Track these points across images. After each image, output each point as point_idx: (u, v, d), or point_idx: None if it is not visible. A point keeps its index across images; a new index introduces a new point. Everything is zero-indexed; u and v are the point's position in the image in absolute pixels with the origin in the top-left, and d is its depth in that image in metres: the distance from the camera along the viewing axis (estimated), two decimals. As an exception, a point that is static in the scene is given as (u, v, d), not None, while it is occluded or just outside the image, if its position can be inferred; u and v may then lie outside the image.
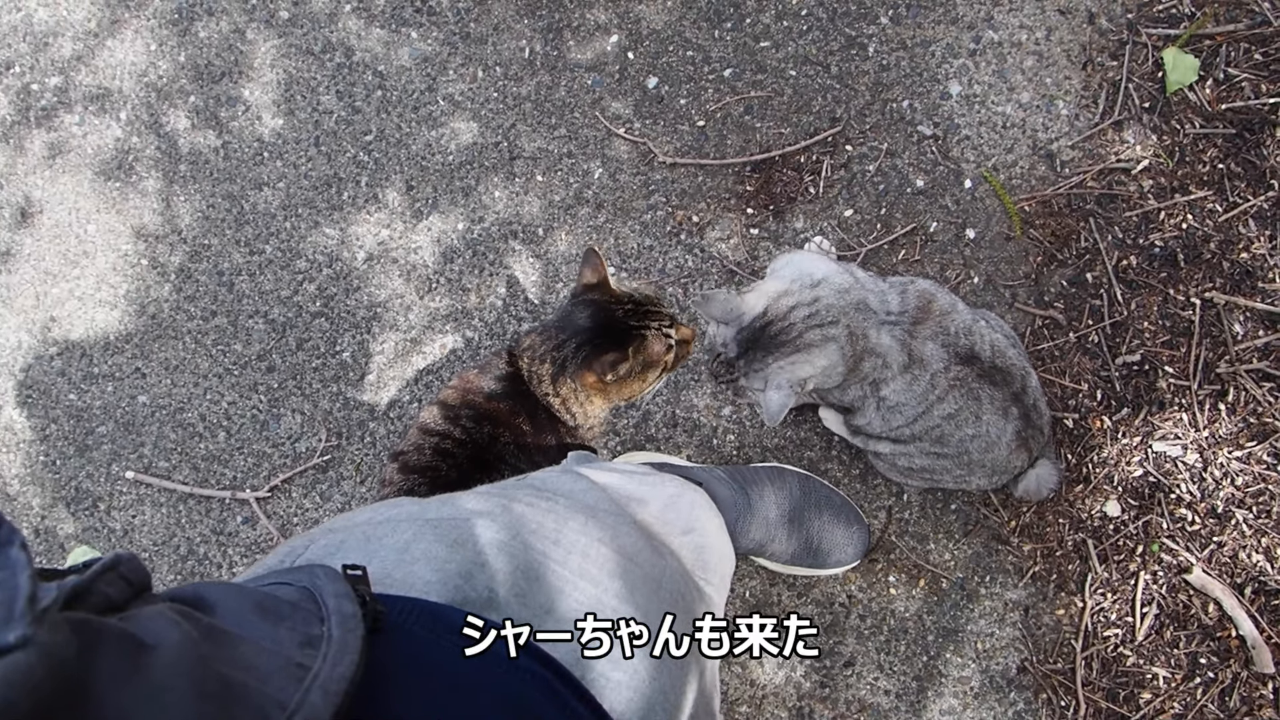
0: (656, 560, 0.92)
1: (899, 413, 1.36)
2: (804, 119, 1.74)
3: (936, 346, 1.30)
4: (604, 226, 1.76)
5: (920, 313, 1.31)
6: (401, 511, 0.82)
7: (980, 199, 1.70)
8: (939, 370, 1.29)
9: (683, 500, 1.20)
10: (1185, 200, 1.65)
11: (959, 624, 1.63)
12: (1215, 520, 1.61)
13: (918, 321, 1.30)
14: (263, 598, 0.59)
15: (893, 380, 1.32)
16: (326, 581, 0.61)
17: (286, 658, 0.52)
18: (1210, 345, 1.63)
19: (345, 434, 1.77)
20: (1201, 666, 1.59)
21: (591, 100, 1.79)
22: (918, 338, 1.30)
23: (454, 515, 0.81)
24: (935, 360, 1.29)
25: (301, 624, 0.56)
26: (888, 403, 1.35)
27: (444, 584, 0.73)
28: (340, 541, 0.77)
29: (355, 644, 0.55)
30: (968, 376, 1.30)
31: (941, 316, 1.31)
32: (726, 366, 1.33)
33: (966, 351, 1.31)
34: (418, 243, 1.80)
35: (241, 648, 0.51)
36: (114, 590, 0.48)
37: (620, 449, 1.71)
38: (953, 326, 1.31)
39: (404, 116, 1.83)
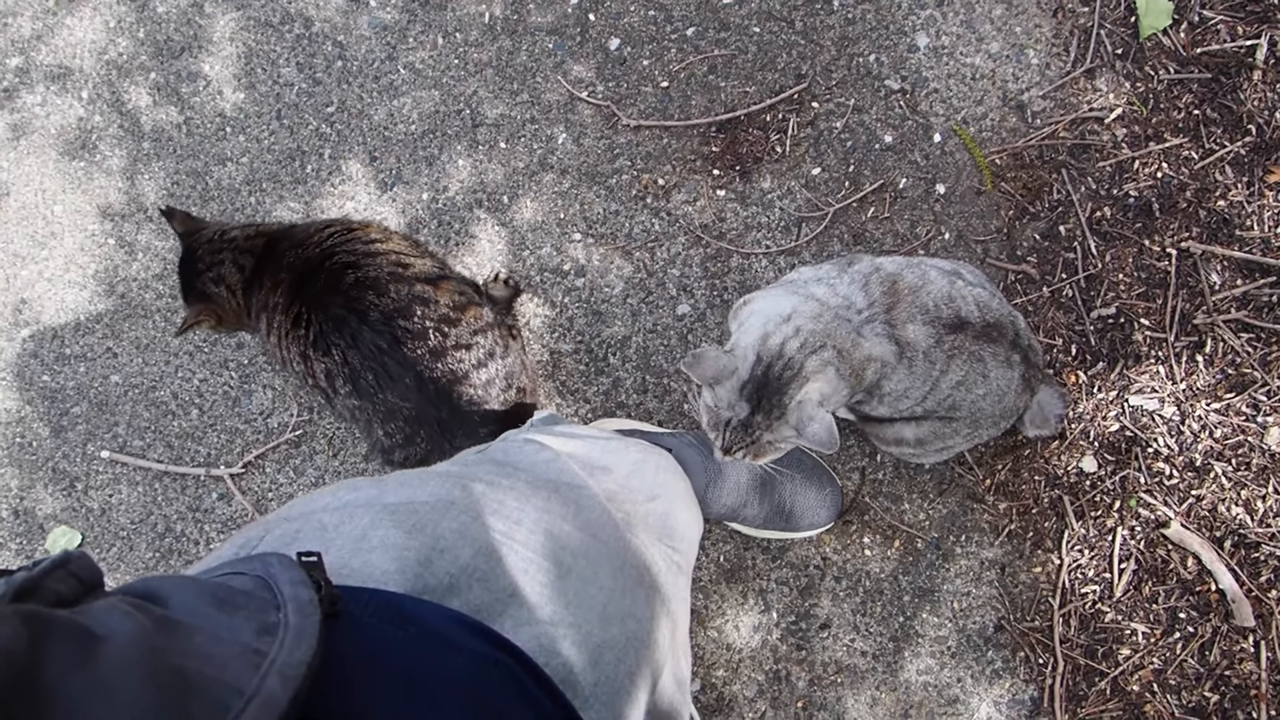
0: (620, 535, 0.90)
1: (906, 397, 1.34)
2: (769, 77, 1.71)
3: (919, 326, 1.27)
4: (569, 192, 1.74)
5: (889, 298, 1.28)
6: (359, 496, 0.81)
7: (950, 153, 1.67)
8: (931, 346, 1.27)
9: (647, 465, 1.18)
10: (1160, 148, 1.62)
11: (935, 584, 1.62)
12: (1194, 474, 1.58)
13: (890, 308, 1.27)
14: (216, 588, 0.58)
15: (891, 373, 1.29)
16: (281, 569, 0.61)
17: (243, 645, 0.52)
18: (1187, 296, 1.60)
19: (316, 409, 1.76)
20: (1181, 621, 1.57)
21: (553, 64, 1.77)
22: (897, 324, 1.27)
23: (412, 499, 0.79)
24: (923, 339, 1.26)
25: (257, 612, 0.56)
26: (894, 394, 1.33)
27: (402, 572, 0.72)
28: (296, 531, 0.76)
29: (312, 629, 0.55)
30: (964, 342, 1.28)
31: (913, 294, 1.28)
32: (743, 430, 1.26)
33: (953, 319, 1.28)
34: (382, 214, 1.78)
35: (196, 638, 0.51)
36: (64, 587, 0.48)
37: (591, 416, 1.70)
38: (930, 300, 1.28)
39: (365, 87, 1.80)
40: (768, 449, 1.28)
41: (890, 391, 1.34)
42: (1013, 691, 1.59)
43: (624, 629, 0.80)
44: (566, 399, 1.71)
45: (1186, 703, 1.55)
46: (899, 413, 1.39)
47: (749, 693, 1.62)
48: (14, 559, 1.83)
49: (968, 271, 1.37)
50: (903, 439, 1.45)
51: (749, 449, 1.27)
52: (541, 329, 1.72)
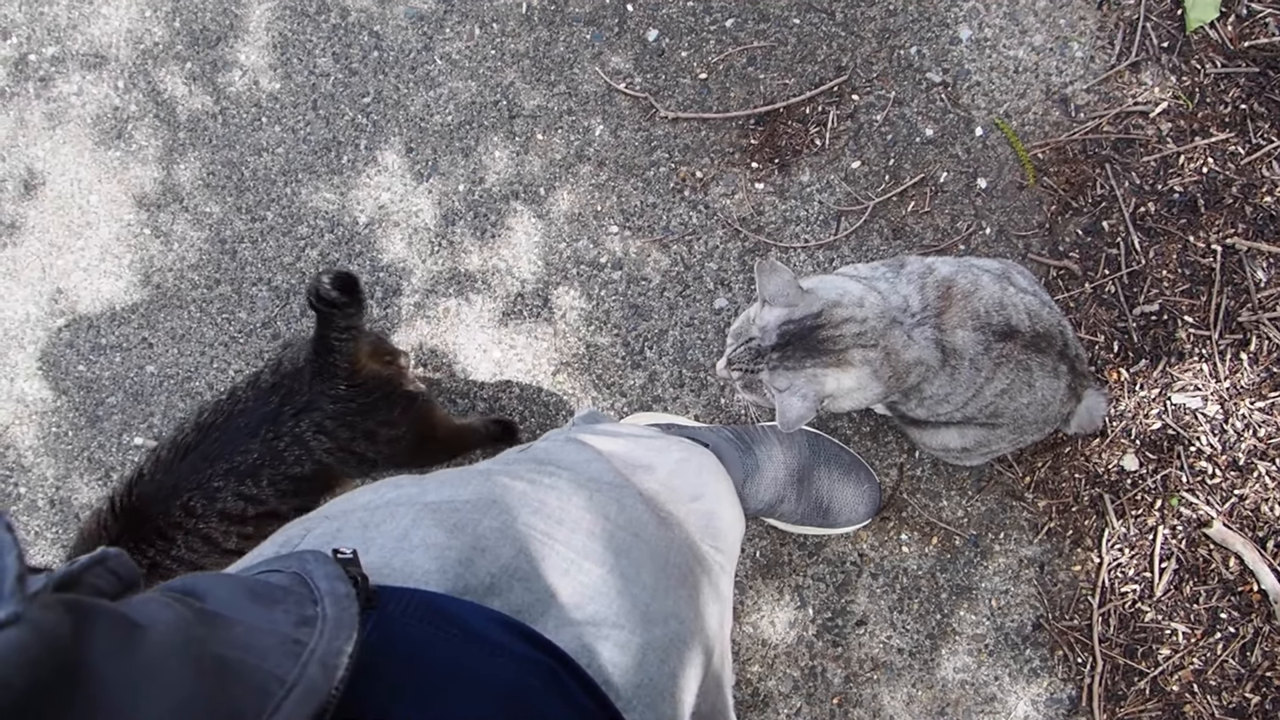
0: (663, 534, 0.90)
1: (946, 402, 1.33)
2: (809, 69, 1.70)
3: (968, 332, 1.25)
4: (606, 184, 1.73)
5: (942, 302, 1.27)
6: (401, 494, 0.80)
7: (992, 147, 1.65)
8: (978, 354, 1.25)
9: (690, 464, 1.17)
10: (1205, 143, 1.60)
11: (973, 581, 1.61)
12: (1236, 473, 1.57)
13: (942, 312, 1.26)
14: (254, 584, 0.59)
15: (934, 378, 1.28)
16: (317, 565, 0.61)
17: (283, 635, 0.53)
18: (1231, 293, 1.58)
19: (351, 400, 1.76)
20: (1222, 621, 1.56)
21: (591, 55, 1.76)
22: (946, 329, 1.26)
23: (453, 498, 0.79)
24: (971, 347, 1.25)
25: (295, 606, 0.56)
26: (934, 398, 1.32)
27: (443, 572, 0.72)
28: (337, 530, 0.76)
29: (351, 620, 0.55)
30: (1012, 351, 1.26)
31: (965, 300, 1.27)
32: (754, 355, 1.26)
33: (1003, 327, 1.26)
34: (418, 205, 1.77)
35: (236, 629, 0.51)
36: (103, 583, 0.48)
37: (627, 410, 1.69)
38: (981, 307, 1.26)
39: (401, 77, 1.80)
40: (757, 389, 1.28)
41: (931, 395, 1.33)
42: (1050, 690, 1.58)
43: (667, 630, 0.79)
44: (603, 392, 1.70)
45: (1227, 704, 1.54)
46: (936, 416, 1.38)
47: (784, 689, 1.62)
48: (50, 548, 1.83)
49: (1018, 274, 1.36)
50: (948, 447, 1.44)
51: (744, 376, 1.27)
52: (578, 322, 1.71)
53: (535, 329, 1.73)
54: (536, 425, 1.71)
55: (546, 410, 1.71)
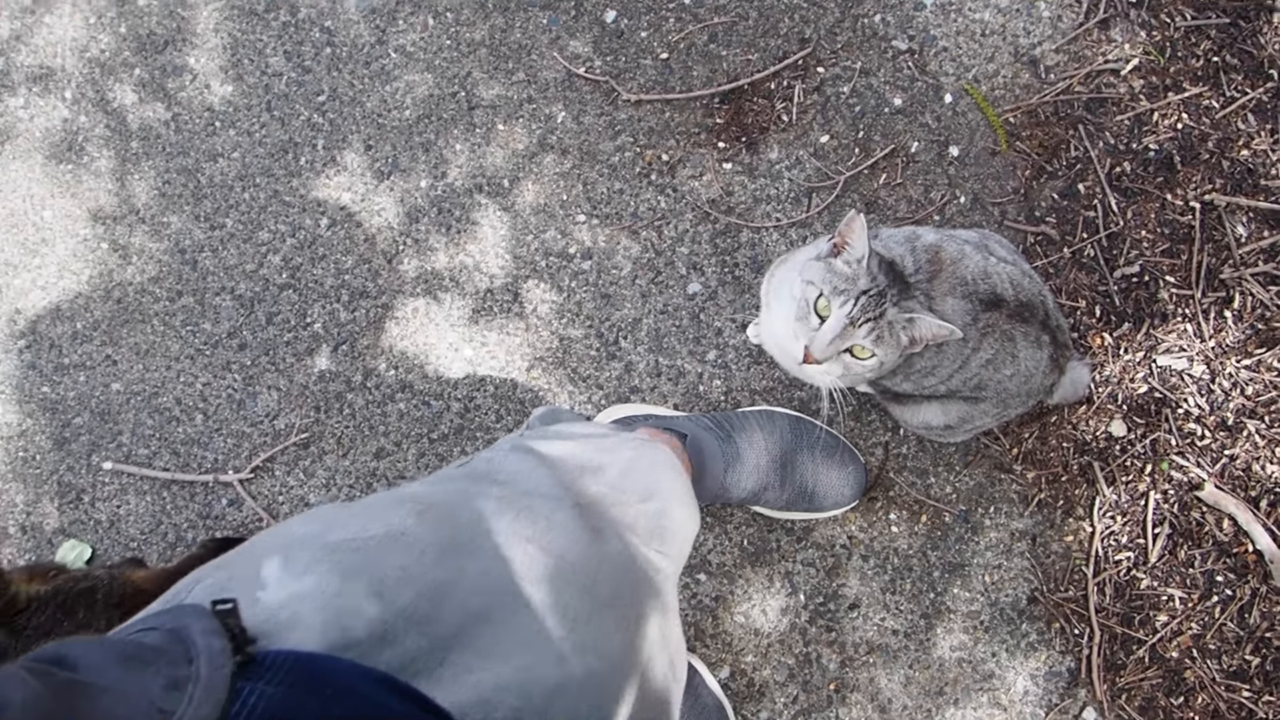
0: (594, 550, 0.85)
1: (933, 374, 1.30)
2: (771, 43, 1.65)
3: (957, 300, 1.22)
4: (571, 173, 1.69)
5: (932, 267, 1.24)
6: (307, 532, 0.76)
7: (962, 113, 1.61)
8: (966, 324, 1.22)
9: (642, 461, 1.11)
10: (1179, 98, 1.56)
11: (965, 558, 1.58)
12: (1226, 433, 1.54)
13: (932, 278, 1.23)
14: (126, 646, 0.57)
15: (924, 350, 1.25)
16: (194, 619, 0.59)
17: (149, 703, 0.51)
18: (1212, 250, 1.55)
19: (323, 407, 1.72)
20: (1218, 584, 1.53)
21: (549, 40, 1.71)
22: (936, 296, 1.23)
23: (359, 534, 0.75)
24: (959, 316, 1.22)
25: (167, 666, 0.55)
26: (921, 370, 1.29)
27: (326, 626, 0.67)
28: (228, 579, 0.72)
29: (222, 682, 0.54)
30: (998, 321, 1.23)
31: (954, 266, 1.24)
32: (877, 297, 1.16)
33: (989, 295, 1.23)
34: (381, 204, 1.73)
35: (102, 700, 0.50)
36: None
37: (604, 402, 1.66)
38: (968, 274, 1.23)
39: (356, 73, 1.75)
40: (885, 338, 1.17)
41: (919, 368, 1.30)
42: (1049, 663, 1.56)
43: (585, 665, 0.75)
44: (579, 386, 1.66)
45: (1227, 667, 1.52)
46: (922, 389, 1.35)
47: (780, 677, 1.59)
48: (24, 574, 1.79)
49: (997, 244, 1.33)
50: (930, 424, 1.41)
51: (874, 326, 1.16)
52: (549, 315, 1.67)
53: (506, 325, 1.69)
54: (512, 422, 1.67)
55: (522, 407, 1.67)
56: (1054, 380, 1.38)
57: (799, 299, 1.22)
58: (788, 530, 1.61)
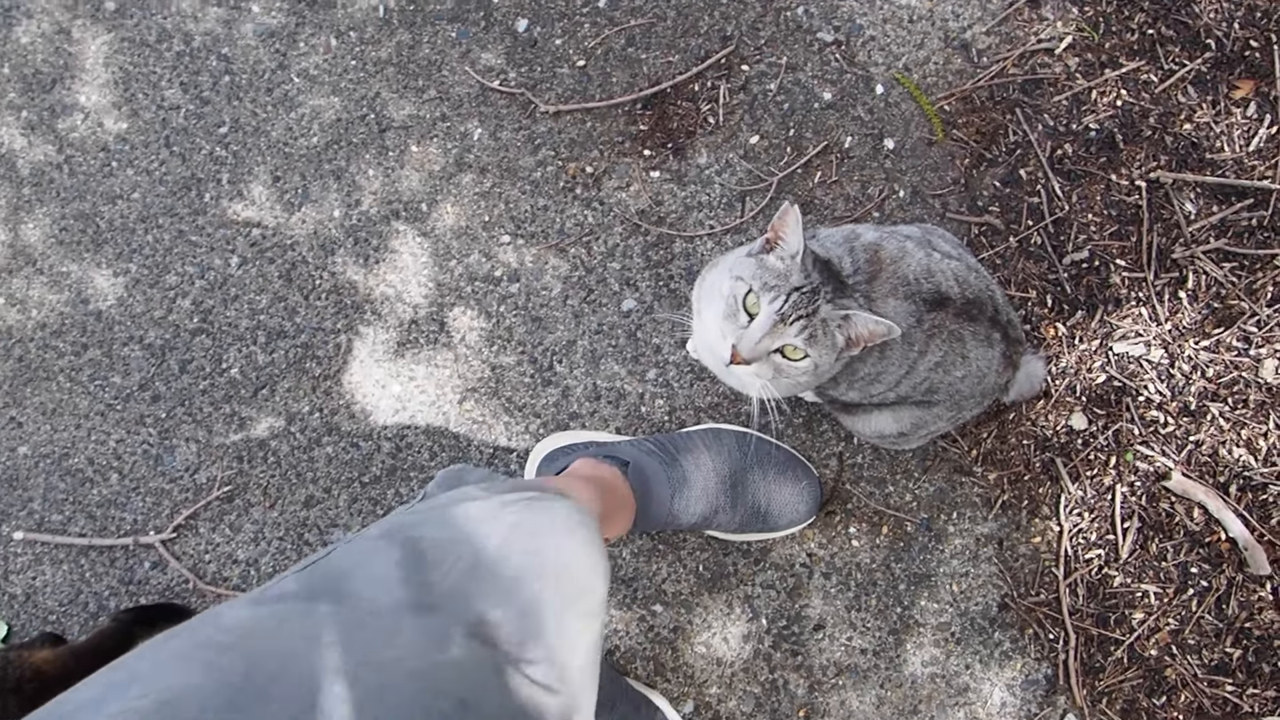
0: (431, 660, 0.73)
1: (879, 381, 1.22)
2: (692, 42, 1.58)
3: (899, 301, 1.15)
4: (491, 191, 1.60)
5: (872, 267, 1.16)
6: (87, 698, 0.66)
7: (895, 104, 1.54)
8: (911, 327, 1.15)
9: (521, 531, 0.90)
10: (1116, 74, 1.50)
11: (930, 568, 1.51)
12: (1189, 418, 1.48)
13: (872, 278, 1.16)
14: None
15: (865, 355, 1.17)
16: None
17: None
18: (1162, 230, 1.49)
19: (247, 457, 1.62)
20: (1193, 576, 1.47)
21: (459, 54, 1.62)
22: (876, 298, 1.15)
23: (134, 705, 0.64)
24: (903, 318, 1.15)
25: None
26: (865, 378, 1.22)
27: None
28: None
29: None
30: (944, 321, 1.16)
31: (894, 264, 1.16)
32: (810, 294, 1.08)
33: (933, 295, 1.16)
34: (293, 238, 1.63)
35: None
36: None
37: (542, 431, 1.57)
38: (909, 273, 1.16)
39: (258, 101, 1.65)
40: (817, 337, 1.09)
41: (863, 375, 1.22)
42: (1025, 672, 1.49)
43: None
44: (515, 416, 1.57)
45: (1209, 661, 1.46)
46: (869, 398, 1.27)
47: (746, 708, 1.51)
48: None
49: (940, 238, 1.26)
50: (883, 433, 1.33)
51: (808, 323, 1.08)
52: (479, 343, 1.58)
53: (434, 356, 1.59)
54: (447, 459, 1.58)
55: (457, 443, 1.58)
56: (1009, 377, 1.31)
57: (727, 296, 1.14)
58: (744, 552, 1.53)
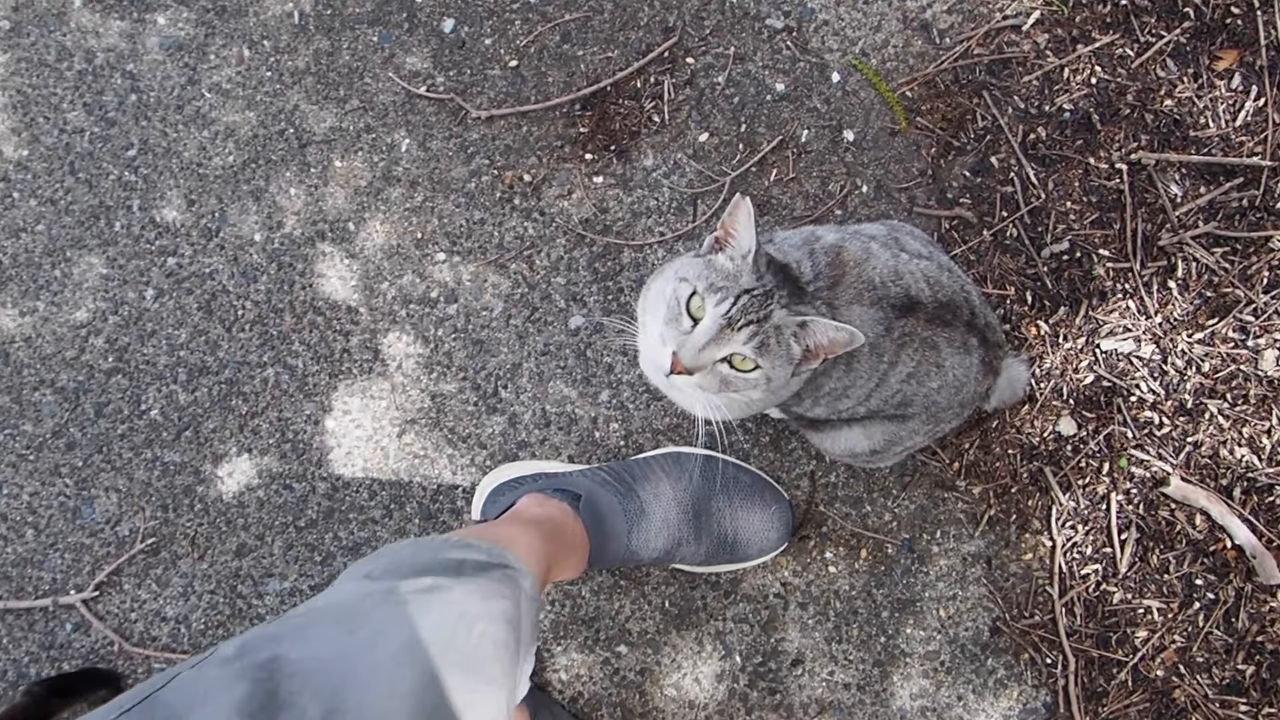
0: None
1: (846, 396, 1.11)
2: (632, 36, 1.46)
3: (866, 307, 1.03)
4: (423, 206, 1.48)
5: (833, 269, 1.05)
6: None
7: (853, 92, 1.43)
8: (879, 336, 1.04)
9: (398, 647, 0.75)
10: (1089, 50, 1.39)
11: (915, 592, 1.39)
12: (1186, 417, 1.37)
13: (835, 284, 1.04)
14: None
15: (830, 368, 1.06)
16: None
17: None
18: (1147, 215, 1.38)
19: (171, 505, 1.49)
20: (1198, 589, 1.36)
21: (382, 60, 1.50)
22: (840, 305, 1.04)
23: None
24: (870, 326, 1.03)
25: None
26: (832, 393, 1.11)
27: None
28: None
29: None
30: (915, 327, 1.05)
31: (858, 268, 1.05)
32: (762, 297, 0.97)
33: (903, 299, 1.05)
34: (212, 265, 1.51)
35: None
36: None
37: (489, 462, 1.44)
38: (875, 276, 1.05)
39: (168, 119, 1.53)
40: (769, 346, 0.98)
41: (829, 390, 1.11)
42: (1023, 700, 1.37)
43: None
44: (459, 448, 1.45)
45: (1220, 680, 1.34)
46: (838, 414, 1.16)
47: (722, 754, 1.39)
48: None
49: (908, 236, 1.15)
50: (855, 451, 1.22)
51: (758, 330, 0.97)
52: (416, 371, 1.46)
53: (369, 387, 1.47)
54: (389, 498, 1.46)
55: (398, 480, 1.46)
56: (989, 384, 1.19)
57: (669, 298, 1.02)
58: (713, 585, 1.41)
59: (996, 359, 1.17)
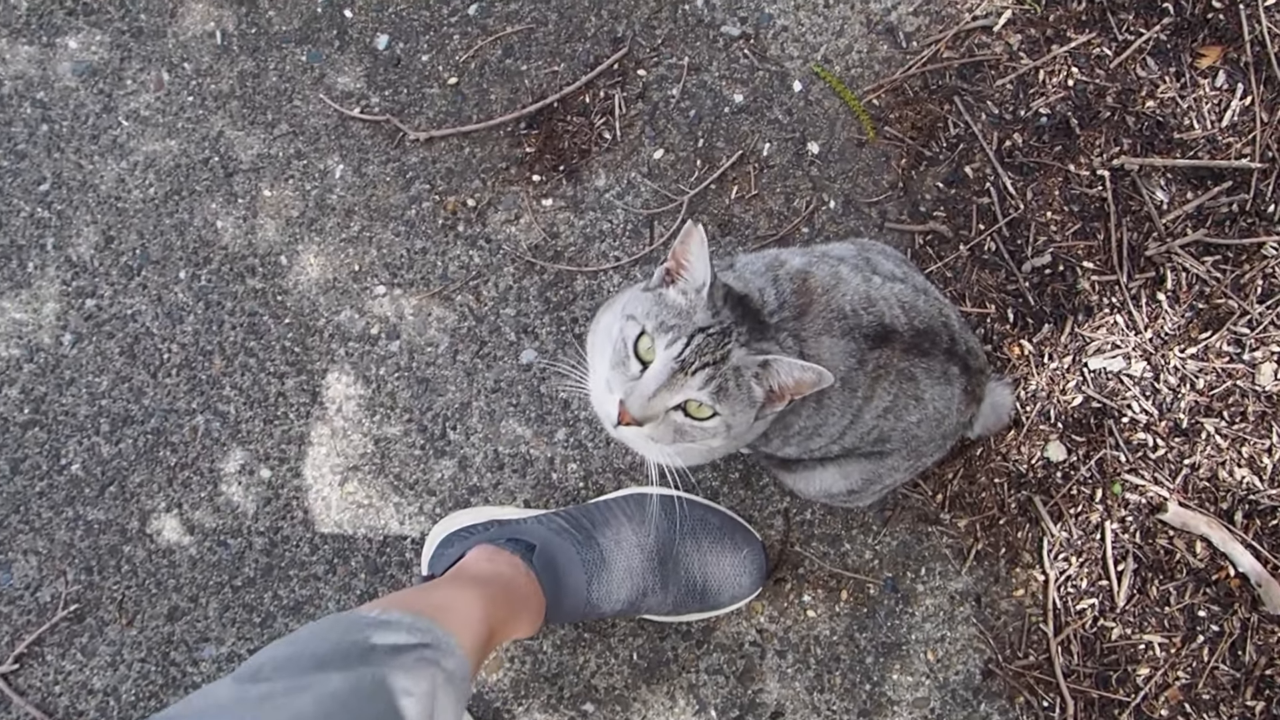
0: None
1: (818, 435, 1.01)
2: (579, 48, 1.37)
3: (836, 339, 0.94)
4: (361, 236, 1.38)
5: (800, 299, 0.95)
6: None
7: (817, 102, 1.34)
8: (851, 369, 0.94)
9: None
10: (1065, 50, 1.31)
11: (900, 635, 1.30)
12: (1182, 438, 1.28)
13: (801, 313, 0.94)
14: None
15: (799, 405, 0.96)
16: None
17: None
18: (1132, 224, 1.30)
19: (96, 567, 1.38)
20: (1202, 621, 1.27)
21: (311, 80, 1.40)
22: (808, 337, 0.94)
23: None
24: (841, 359, 0.94)
25: None
26: (802, 432, 1.02)
27: None
28: None
29: None
30: (891, 359, 0.96)
31: (826, 295, 0.95)
32: (719, 336, 0.88)
33: (876, 328, 0.95)
34: (135, 306, 1.40)
35: None
36: None
37: (439, 510, 1.34)
38: (846, 304, 0.95)
39: (82, 150, 1.42)
40: (727, 391, 0.88)
41: (801, 429, 1.02)
42: (1019, 748, 1.28)
43: None
44: (405, 495, 1.34)
45: (1228, 718, 1.26)
46: (810, 453, 1.06)
47: (699, 819, 1.29)
48: None
49: (880, 256, 1.06)
50: (831, 491, 1.13)
51: (715, 372, 0.87)
52: (358, 414, 1.36)
53: (307, 433, 1.36)
54: (332, 552, 1.35)
55: (341, 532, 1.35)
56: (973, 413, 1.10)
57: (615, 339, 0.92)
58: (684, 634, 1.31)
59: (979, 386, 1.08)
